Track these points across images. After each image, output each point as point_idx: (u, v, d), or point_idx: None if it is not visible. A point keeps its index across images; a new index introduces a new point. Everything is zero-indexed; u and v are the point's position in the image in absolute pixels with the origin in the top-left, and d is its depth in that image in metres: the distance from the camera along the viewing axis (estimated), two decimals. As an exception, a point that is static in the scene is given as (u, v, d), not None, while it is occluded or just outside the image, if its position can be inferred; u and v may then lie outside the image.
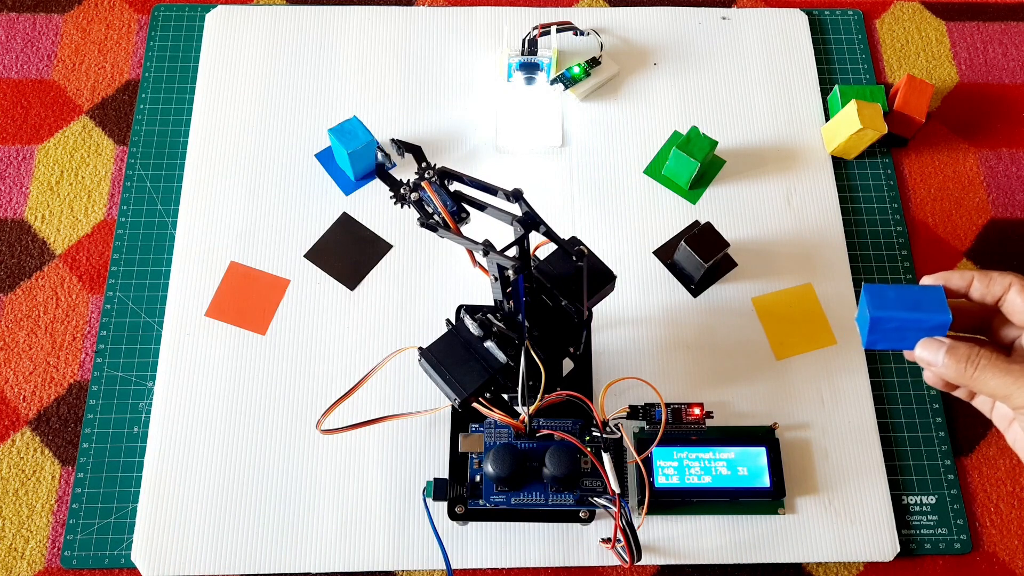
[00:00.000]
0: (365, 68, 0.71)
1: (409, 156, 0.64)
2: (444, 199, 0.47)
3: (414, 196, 0.46)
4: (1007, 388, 0.38)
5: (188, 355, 0.61)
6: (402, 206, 0.47)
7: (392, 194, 0.47)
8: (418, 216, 0.46)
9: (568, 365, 0.57)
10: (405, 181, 0.47)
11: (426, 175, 0.46)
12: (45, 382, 0.61)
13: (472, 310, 0.50)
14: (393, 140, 0.47)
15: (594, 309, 0.53)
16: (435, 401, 0.58)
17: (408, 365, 0.56)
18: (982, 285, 0.41)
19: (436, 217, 0.46)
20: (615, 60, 0.72)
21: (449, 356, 0.49)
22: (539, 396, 0.48)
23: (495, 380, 0.49)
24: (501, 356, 0.48)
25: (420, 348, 0.49)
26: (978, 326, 0.43)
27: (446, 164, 0.67)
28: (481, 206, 0.47)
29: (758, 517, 0.57)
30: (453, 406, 0.50)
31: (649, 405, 0.58)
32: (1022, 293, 0.39)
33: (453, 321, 0.50)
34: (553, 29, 0.71)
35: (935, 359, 0.40)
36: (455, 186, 0.46)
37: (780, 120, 0.71)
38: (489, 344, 0.49)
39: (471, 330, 0.49)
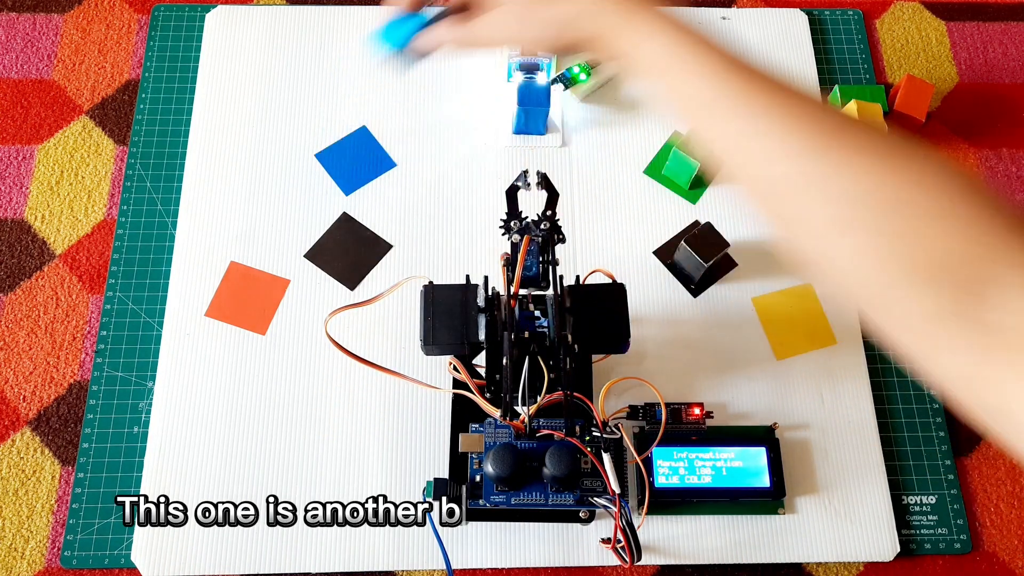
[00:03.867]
0: (365, 68, 0.71)
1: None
2: (530, 264, 0.48)
3: (516, 238, 0.47)
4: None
5: (188, 355, 0.61)
6: (504, 235, 0.48)
7: (505, 217, 0.48)
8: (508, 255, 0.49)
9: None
10: (524, 217, 0.48)
11: (536, 228, 0.47)
12: (45, 382, 0.61)
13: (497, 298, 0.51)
14: (539, 172, 0.47)
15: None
16: (439, 380, 0.58)
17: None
18: None
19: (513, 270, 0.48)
20: (615, 60, 0.72)
21: (444, 303, 0.51)
22: (540, 397, 0.48)
23: (463, 348, 0.50)
24: (481, 334, 0.49)
25: (430, 282, 0.52)
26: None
27: (446, 163, 0.68)
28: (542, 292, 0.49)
29: (758, 517, 0.57)
30: (421, 347, 0.52)
31: (649, 405, 0.58)
32: None
33: (471, 278, 0.51)
34: (553, 29, 0.71)
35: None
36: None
37: (780, 120, 0.71)
38: (481, 319, 0.49)
39: (478, 297, 0.50)
